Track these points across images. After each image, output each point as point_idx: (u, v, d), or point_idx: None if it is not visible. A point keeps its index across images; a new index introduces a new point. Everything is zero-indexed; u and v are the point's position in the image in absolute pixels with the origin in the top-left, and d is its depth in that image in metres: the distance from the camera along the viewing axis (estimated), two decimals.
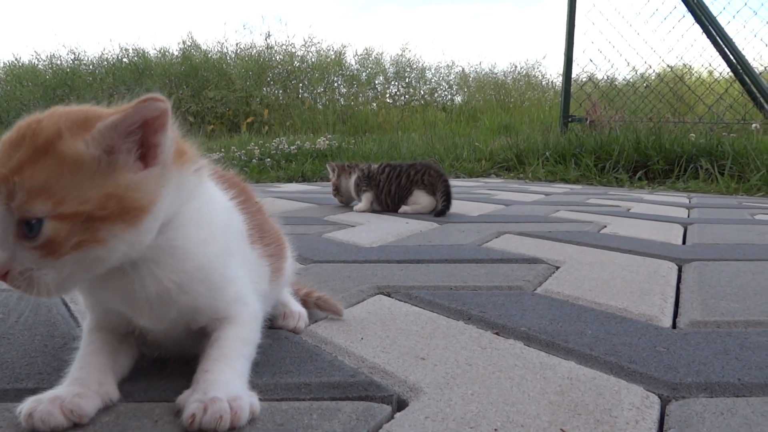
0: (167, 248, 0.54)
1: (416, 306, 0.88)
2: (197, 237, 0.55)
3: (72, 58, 8.33)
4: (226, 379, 0.53)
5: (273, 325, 0.76)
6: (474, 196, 2.44)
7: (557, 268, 1.12)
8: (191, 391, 0.53)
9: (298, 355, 0.68)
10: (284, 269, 0.72)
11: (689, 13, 4.16)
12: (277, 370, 0.63)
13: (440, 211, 1.81)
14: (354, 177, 1.96)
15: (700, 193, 2.80)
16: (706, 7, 4.12)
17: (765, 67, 4.21)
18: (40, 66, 8.28)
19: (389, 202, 1.89)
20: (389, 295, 0.93)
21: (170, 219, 0.54)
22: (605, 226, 1.63)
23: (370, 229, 1.56)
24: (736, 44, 4.06)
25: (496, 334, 0.76)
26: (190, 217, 0.55)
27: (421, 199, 1.85)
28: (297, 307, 0.77)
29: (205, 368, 0.54)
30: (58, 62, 8.27)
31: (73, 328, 0.76)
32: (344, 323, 0.79)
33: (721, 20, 4.68)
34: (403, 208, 1.83)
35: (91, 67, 8.13)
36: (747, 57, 4.05)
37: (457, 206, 2.06)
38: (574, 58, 4.58)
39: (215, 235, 0.56)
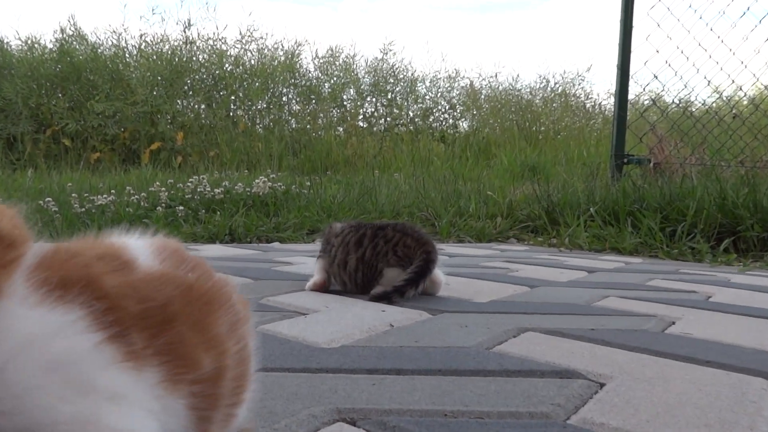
0: None
1: None
2: None
3: None
4: None
5: None
6: (484, 272, 2.45)
7: (601, 385, 1.14)
8: None
9: None
10: (237, 413, 0.71)
11: None
12: None
13: (398, 289, 1.79)
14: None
15: None
16: None
17: None
18: None
19: (349, 282, 1.91)
20: (354, 424, 0.93)
21: None
22: (673, 323, 1.65)
23: (329, 318, 1.55)
24: None
25: None
26: None
27: (391, 278, 1.87)
28: None
29: None
30: None
31: None
32: None
33: None
34: (375, 291, 1.84)
35: None
36: None
37: (458, 286, 2.07)
38: (631, 72, 4.72)
39: None
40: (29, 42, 8.45)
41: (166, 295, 0.62)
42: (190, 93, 8.34)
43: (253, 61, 8.63)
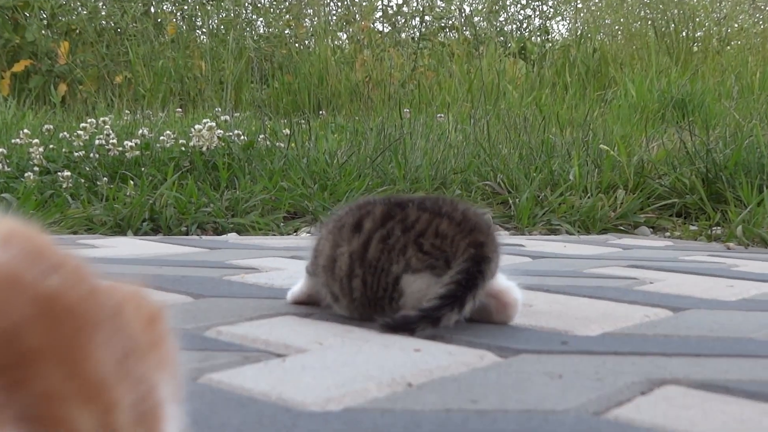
0: None
1: None
2: None
3: None
4: None
5: None
6: (594, 285, 2.45)
7: None
8: None
9: None
10: None
11: None
12: None
13: (427, 314, 1.74)
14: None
15: None
16: None
17: None
18: None
19: (341, 295, 1.88)
20: None
21: None
22: None
23: (324, 363, 1.51)
24: None
25: None
26: None
27: (417, 293, 1.82)
28: None
29: None
30: None
31: None
32: None
33: None
34: (386, 319, 1.80)
35: None
36: None
37: (547, 308, 2.02)
38: None
39: None
40: None
41: (16, 314, 0.64)
42: None
43: None
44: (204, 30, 7.76)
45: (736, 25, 7.70)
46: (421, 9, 8.02)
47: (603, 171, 4.33)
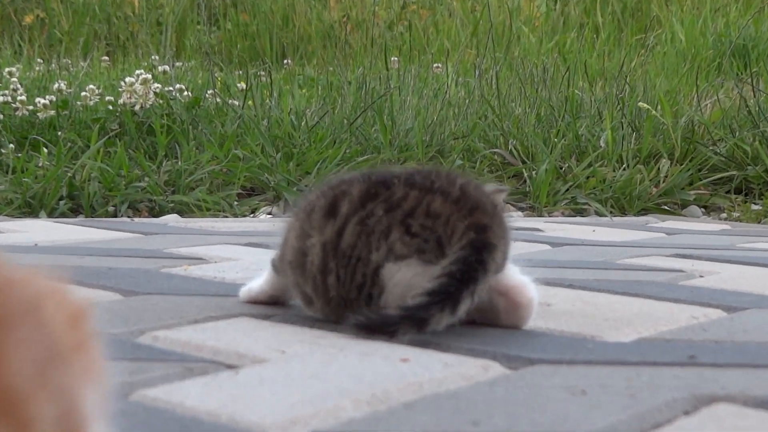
0: None
1: None
2: None
3: None
4: None
5: None
6: (629, 279, 2.42)
7: None
8: None
9: None
10: None
11: None
12: None
13: (412, 313, 1.76)
14: None
15: None
16: None
17: None
18: None
19: (313, 293, 1.90)
20: None
21: None
22: None
23: (287, 376, 1.51)
24: None
25: None
26: None
27: (401, 285, 1.84)
28: None
29: None
30: None
31: None
32: None
33: None
34: (359, 318, 1.85)
35: None
36: None
37: (568, 307, 2.01)
38: None
39: None
40: None
41: None
42: None
43: None
44: None
45: None
46: None
47: (643, 136, 4.27)
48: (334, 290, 1.82)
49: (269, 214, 3.53)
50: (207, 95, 4.73)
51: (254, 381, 1.47)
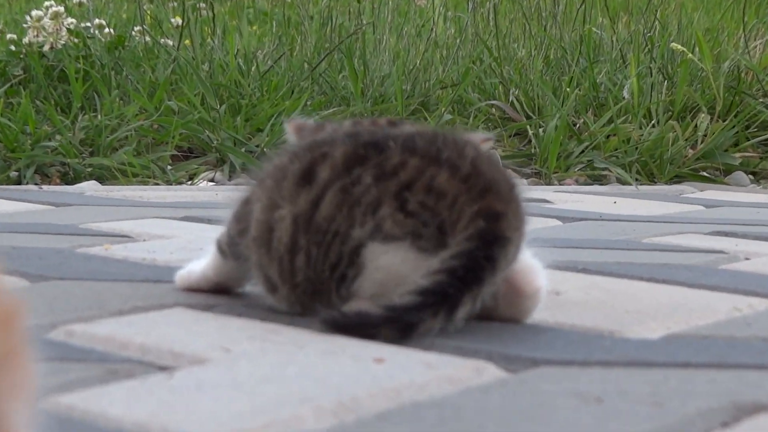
0: None
1: None
2: None
3: None
4: None
5: None
6: (659, 263, 2.38)
7: None
8: None
9: None
10: None
11: None
12: None
13: (397, 315, 1.72)
14: None
15: None
16: None
17: None
18: None
19: (278, 279, 1.87)
20: None
21: None
22: None
23: (233, 378, 1.48)
24: None
25: None
26: None
27: (384, 270, 1.82)
28: None
29: None
30: None
31: None
32: None
33: None
34: (329, 313, 1.81)
35: None
36: None
37: (583, 297, 2.00)
38: None
39: None
40: None
41: None
42: None
43: None
44: None
45: None
46: None
47: (677, 85, 4.16)
48: (301, 273, 1.73)
49: (211, 180, 3.49)
50: (133, 33, 4.60)
51: (192, 386, 1.41)
